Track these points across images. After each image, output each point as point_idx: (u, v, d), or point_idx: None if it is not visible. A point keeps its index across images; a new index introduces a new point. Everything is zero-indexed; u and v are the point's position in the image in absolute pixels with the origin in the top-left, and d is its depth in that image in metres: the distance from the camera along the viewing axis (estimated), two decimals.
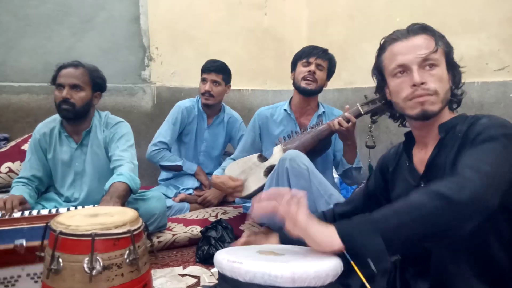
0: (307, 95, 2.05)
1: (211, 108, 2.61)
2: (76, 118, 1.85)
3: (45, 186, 1.96)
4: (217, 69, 2.53)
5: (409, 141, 1.12)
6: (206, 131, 2.66)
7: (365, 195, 1.26)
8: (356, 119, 1.78)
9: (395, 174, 1.16)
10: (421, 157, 1.07)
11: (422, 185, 1.03)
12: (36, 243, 1.16)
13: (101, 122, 1.93)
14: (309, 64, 2.03)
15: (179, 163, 2.55)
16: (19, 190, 1.77)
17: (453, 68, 1.04)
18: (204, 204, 2.47)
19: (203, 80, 2.54)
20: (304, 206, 0.87)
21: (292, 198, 0.88)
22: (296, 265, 0.77)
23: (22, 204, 1.64)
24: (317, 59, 2.02)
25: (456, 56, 1.06)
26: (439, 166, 0.99)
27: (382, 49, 1.10)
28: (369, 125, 1.75)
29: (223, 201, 2.56)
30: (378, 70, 1.12)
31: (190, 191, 2.57)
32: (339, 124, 1.77)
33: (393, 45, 1.06)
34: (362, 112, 1.76)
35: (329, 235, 0.82)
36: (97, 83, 1.89)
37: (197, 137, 2.67)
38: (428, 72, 1.00)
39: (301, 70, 2.05)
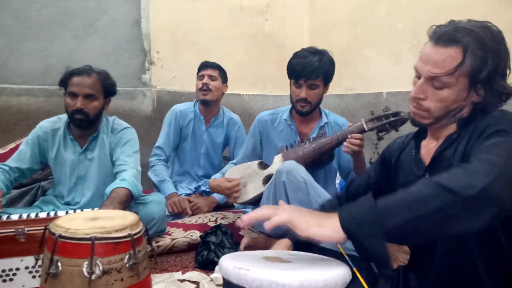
0: (304, 116, 1.99)
1: (209, 107, 2.61)
2: (89, 127, 1.85)
3: (26, 179, 1.95)
4: (213, 65, 2.60)
5: (421, 132, 1.11)
6: (205, 133, 2.65)
7: (365, 188, 1.25)
8: (361, 135, 1.73)
9: (398, 164, 1.15)
10: (429, 149, 1.06)
11: (427, 175, 1.02)
12: (38, 232, 1.15)
13: (108, 127, 1.92)
14: (300, 86, 1.89)
15: (155, 181, 2.49)
16: None
17: (482, 86, 0.95)
18: (194, 211, 2.41)
19: (200, 77, 2.58)
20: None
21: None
22: (305, 274, 0.75)
23: None
24: (307, 81, 1.87)
25: None
26: (446, 158, 0.97)
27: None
28: (375, 142, 1.72)
29: (215, 208, 2.51)
30: None
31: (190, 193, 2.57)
32: (352, 145, 1.71)
33: (426, 44, 1.01)
34: (366, 129, 1.72)
35: (332, 233, 0.80)
36: (108, 90, 1.87)
37: (196, 140, 2.66)
38: (432, 90, 0.97)
39: (294, 90, 1.94)
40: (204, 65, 2.62)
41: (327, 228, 0.80)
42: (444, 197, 0.75)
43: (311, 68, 1.85)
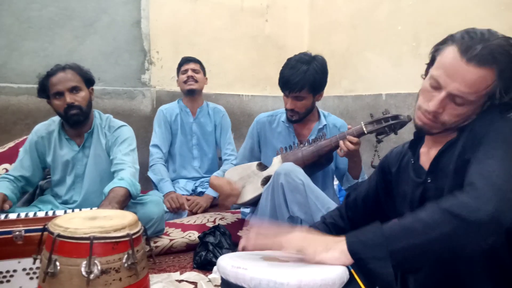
0: (295, 123, 1.99)
1: (195, 96, 2.71)
2: (85, 120, 1.85)
3: (33, 187, 1.95)
4: (194, 60, 2.73)
5: (418, 140, 1.10)
6: (193, 124, 2.74)
7: (364, 199, 1.25)
8: (358, 138, 1.73)
9: (399, 174, 1.15)
10: (429, 156, 1.05)
11: (429, 180, 1.02)
12: (35, 234, 1.15)
13: (103, 124, 1.92)
14: (287, 96, 1.90)
15: (154, 180, 2.53)
16: (1, 187, 1.74)
17: (500, 104, 0.93)
18: (194, 208, 2.43)
19: (184, 72, 2.68)
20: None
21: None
22: (303, 273, 0.75)
23: (4, 201, 1.63)
24: (291, 93, 1.86)
25: None
26: (446, 162, 0.97)
27: (446, 42, 0.97)
28: (375, 145, 1.72)
29: (213, 206, 2.55)
30: (433, 55, 1.02)
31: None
32: (346, 146, 1.72)
33: (450, 52, 0.94)
34: (366, 132, 1.72)
35: (340, 256, 0.83)
36: (88, 78, 1.88)
37: (186, 132, 2.74)
38: (452, 105, 0.94)
39: (284, 98, 1.95)
40: (186, 60, 2.72)
41: (335, 251, 0.84)
42: (452, 223, 0.77)
43: (294, 81, 1.82)
